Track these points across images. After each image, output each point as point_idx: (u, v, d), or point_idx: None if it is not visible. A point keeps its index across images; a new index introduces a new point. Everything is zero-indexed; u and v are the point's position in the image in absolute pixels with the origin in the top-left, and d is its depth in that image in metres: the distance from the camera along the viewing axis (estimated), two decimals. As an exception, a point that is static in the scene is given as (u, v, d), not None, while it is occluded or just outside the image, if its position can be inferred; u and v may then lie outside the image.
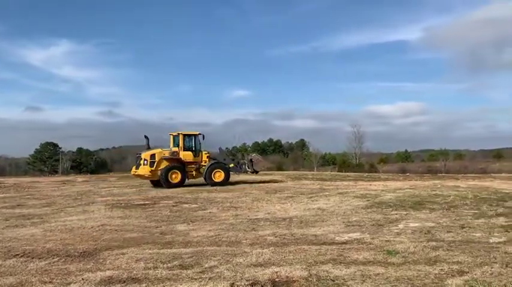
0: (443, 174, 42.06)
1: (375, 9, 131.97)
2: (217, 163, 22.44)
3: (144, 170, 21.26)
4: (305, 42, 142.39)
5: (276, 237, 8.12)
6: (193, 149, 22.17)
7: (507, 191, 15.57)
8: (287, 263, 6.11)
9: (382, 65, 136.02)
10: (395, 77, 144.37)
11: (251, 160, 23.86)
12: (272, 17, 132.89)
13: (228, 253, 6.85)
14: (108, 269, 5.93)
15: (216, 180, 21.87)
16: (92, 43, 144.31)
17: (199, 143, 22.83)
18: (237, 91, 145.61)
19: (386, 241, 7.51)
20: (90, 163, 74.01)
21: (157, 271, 5.79)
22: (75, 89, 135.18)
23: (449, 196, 14.34)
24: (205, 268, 5.96)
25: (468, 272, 5.39)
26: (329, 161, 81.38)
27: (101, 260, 6.50)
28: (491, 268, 5.55)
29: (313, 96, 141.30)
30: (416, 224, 9.12)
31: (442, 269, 5.54)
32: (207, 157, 22.52)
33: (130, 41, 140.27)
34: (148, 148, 22.06)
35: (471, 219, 9.68)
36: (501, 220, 9.42)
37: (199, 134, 22.66)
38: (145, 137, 22.64)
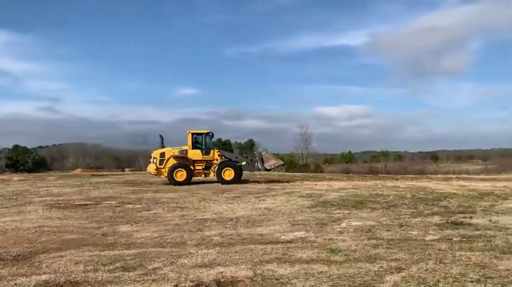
0: (384, 174, 43.85)
1: (324, 14, 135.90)
2: (227, 161, 22.32)
3: (151, 168, 22.40)
4: (256, 43, 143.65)
5: (222, 237, 8.09)
6: (203, 147, 22.24)
7: (442, 191, 16.48)
8: (232, 263, 6.11)
9: (330, 69, 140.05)
10: (342, 80, 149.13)
11: (261, 158, 23.28)
12: (223, 16, 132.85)
13: (173, 254, 6.74)
14: (45, 273, 5.64)
15: (226, 178, 21.70)
16: (34, 35, 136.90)
17: (210, 142, 23.01)
18: (185, 89, 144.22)
19: (329, 239, 7.71)
20: (27, 161, 70.04)
21: (97, 274, 5.58)
22: (13, 82, 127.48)
23: (389, 195, 14.96)
24: (149, 269, 5.82)
25: (405, 268, 5.65)
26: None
27: (37, 264, 6.17)
28: (426, 264, 5.85)
29: (263, 97, 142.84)
30: (358, 223, 9.44)
31: (381, 266, 5.77)
32: (218, 154, 22.50)
33: (74, 34, 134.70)
34: (162, 147, 22.61)
35: (409, 218, 10.14)
36: (436, 219, 9.94)
37: (209, 132, 22.80)
38: (160, 136, 23.21)
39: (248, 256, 6.53)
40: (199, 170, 22.31)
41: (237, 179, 21.86)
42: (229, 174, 21.77)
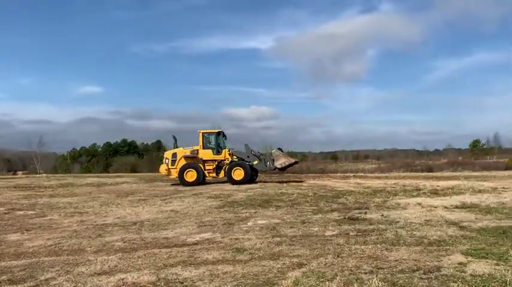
0: (289, 174, 45.53)
1: (233, 17, 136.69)
2: (237, 161, 21.81)
3: (162, 168, 22.57)
4: (164, 41, 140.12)
5: (124, 242, 7.73)
6: (214, 147, 21.91)
7: (340, 189, 17.56)
8: (135, 268, 5.86)
9: (239, 70, 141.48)
10: (250, 82, 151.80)
11: (272, 158, 22.29)
12: (130, 12, 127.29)
13: (69, 262, 6.28)
14: None
15: (236, 178, 21.24)
16: None
17: (222, 141, 22.45)
18: (87, 87, 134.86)
19: (235, 239, 7.76)
20: None
21: (-22, 290, 5.00)
22: None
23: (293, 194, 15.56)
24: (41, 280, 5.35)
25: (306, 264, 5.88)
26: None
27: None
28: (326, 259, 6.15)
29: (172, 96, 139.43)
30: (264, 221, 9.65)
31: (284, 263, 5.93)
32: (229, 154, 21.98)
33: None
34: (175, 147, 22.56)
35: (311, 215, 10.62)
36: (335, 215, 10.53)
37: (220, 131, 22.64)
38: (173, 137, 23.27)
39: (152, 260, 6.32)
40: (210, 170, 21.95)
41: (247, 179, 21.31)
42: (239, 174, 21.32)
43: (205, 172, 21.87)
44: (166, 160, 22.35)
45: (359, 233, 8.06)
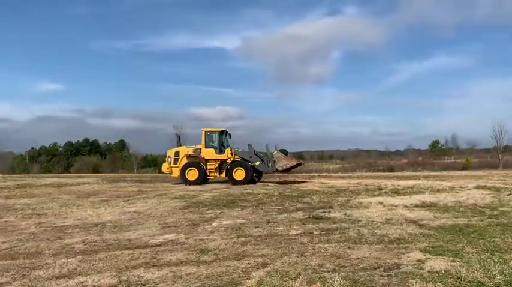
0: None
1: (198, 16, 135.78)
2: (238, 161, 21.29)
3: (164, 166, 22.51)
4: (127, 38, 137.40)
5: (85, 244, 7.52)
6: (216, 146, 21.50)
7: (305, 189, 17.77)
8: (96, 271, 5.71)
9: (204, 70, 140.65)
10: (216, 82, 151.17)
11: (273, 159, 21.53)
12: (91, 8, 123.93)
13: (26, 266, 6.04)
14: None
15: (237, 178, 20.76)
16: None
17: (225, 140, 21.94)
18: (46, 84, 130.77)
19: (200, 240, 7.70)
20: None
21: None
22: None
23: (259, 193, 15.61)
24: (-6, 286, 5.12)
25: (270, 263, 5.91)
26: (150, 163, 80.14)
27: None
28: (290, 258, 6.19)
29: (136, 95, 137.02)
30: (229, 222, 9.62)
31: (248, 263, 5.94)
32: (231, 153, 21.52)
33: None
34: (179, 146, 22.12)
35: (276, 214, 10.68)
36: (300, 214, 10.64)
37: (223, 130, 22.18)
38: (177, 135, 23.21)
39: (113, 262, 6.17)
40: (212, 169, 21.55)
41: (248, 180, 20.79)
42: (240, 174, 20.84)
43: (208, 171, 21.54)
44: (169, 158, 22.13)
45: (323, 232, 8.18)
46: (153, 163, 78.96)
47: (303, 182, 23.37)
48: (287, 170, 22.48)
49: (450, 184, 19.43)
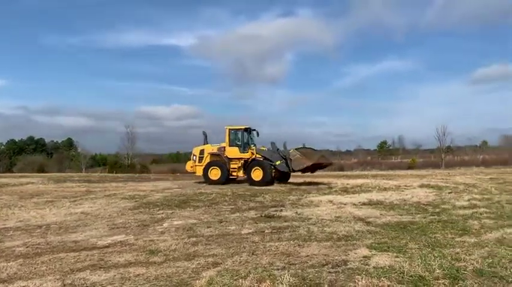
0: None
1: (152, 12, 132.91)
2: (258, 160, 19.80)
3: (188, 165, 21.83)
4: (77, 33, 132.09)
5: (27, 247, 7.17)
6: (240, 144, 20.33)
7: (258, 188, 17.87)
8: (38, 275, 5.46)
9: (158, 67, 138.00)
10: (170, 80, 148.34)
11: (290, 158, 19.51)
12: (44, 2, 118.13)
13: (-40, 272, 5.67)
14: None
15: (255, 179, 19.34)
16: None
17: (250, 138, 20.85)
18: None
19: (150, 240, 7.56)
20: None
21: None
22: None
23: (212, 193, 15.52)
24: None
25: (221, 263, 5.90)
26: (99, 162, 77.64)
27: None
28: (241, 257, 6.22)
29: (86, 92, 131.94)
30: (180, 222, 9.51)
31: (199, 263, 5.90)
32: (251, 152, 20.14)
33: None
34: (205, 144, 21.28)
35: (228, 214, 10.68)
36: (252, 213, 10.70)
37: (247, 128, 20.79)
38: (204, 133, 21.74)
39: (57, 265, 5.93)
40: (235, 169, 20.32)
41: (267, 180, 19.22)
42: (257, 174, 19.38)
43: (231, 170, 20.43)
44: (194, 157, 21.34)
45: (274, 231, 8.28)
46: (102, 162, 76.61)
47: (323, 184, 22.97)
48: (306, 170, 20.48)
49: (396, 182, 20.25)
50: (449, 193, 15.16)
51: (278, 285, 4.72)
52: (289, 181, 21.33)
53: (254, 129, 21.55)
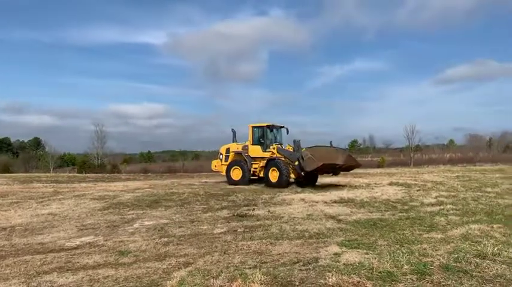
0: (181, 173, 45.09)
1: (123, 9, 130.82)
2: (275, 159, 17.93)
3: (213, 164, 21.20)
4: (46, 29, 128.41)
5: (-10, 250, 6.92)
6: (263, 143, 19.02)
7: (231, 187, 17.83)
8: (1, 279, 5.28)
9: (128, 65, 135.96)
10: (141, 78, 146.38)
11: (302, 158, 17.19)
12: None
13: None
14: None
15: (272, 180, 17.67)
16: None
17: (274, 136, 19.67)
18: None
19: (120, 241, 7.42)
20: None
21: None
22: None
23: (184, 193, 15.39)
24: None
25: (193, 263, 5.85)
26: (68, 162, 75.82)
27: None
28: (212, 256, 6.19)
29: (53, 90, 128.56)
30: (151, 222, 9.38)
31: (170, 264, 5.84)
32: (272, 151, 18.55)
33: None
34: (234, 142, 20.15)
35: (201, 213, 10.61)
36: (224, 213, 10.66)
37: (269, 125, 19.29)
38: (232, 130, 20.39)
39: (23, 268, 5.75)
40: (257, 169, 18.93)
41: (282, 182, 17.27)
42: (274, 175, 17.65)
43: (252, 170, 18.99)
44: (220, 156, 20.37)
45: (246, 230, 8.28)
46: (71, 162, 74.85)
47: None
48: (322, 171, 18.12)
49: (366, 180, 20.62)
50: (417, 190, 15.55)
51: (249, 284, 4.72)
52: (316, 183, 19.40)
53: (282, 126, 20.19)
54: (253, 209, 11.14)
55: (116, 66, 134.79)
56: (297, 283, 4.83)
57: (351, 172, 21.25)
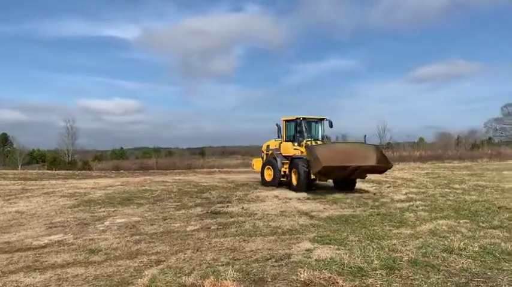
0: (154, 170, 44.54)
1: (94, 0, 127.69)
2: (296, 159, 15.36)
3: (254, 163, 19.27)
4: (11, 22, 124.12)
5: (-48, 250, 6.67)
6: (295, 138, 16.28)
7: (205, 184, 17.77)
8: (-36, 280, 5.09)
9: (99, 60, 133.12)
10: (113, 73, 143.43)
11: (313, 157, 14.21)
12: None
13: None
14: None
15: (293, 182, 15.16)
16: None
17: (309, 130, 16.48)
18: None
19: (90, 239, 7.28)
20: None
21: None
22: None
23: (157, 190, 15.22)
24: None
25: (165, 260, 5.80)
26: (37, 159, 73.70)
27: None
28: (185, 254, 6.15)
29: (21, 85, 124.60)
30: (123, 220, 9.24)
31: (141, 262, 5.77)
32: (300, 150, 15.82)
33: None
34: (279, 138, 17.20)
35: (173, 211, 10.52)
36: (198, 210, 10.60)
37: (298, 118, 16.26)
38: (277, 125, 16.85)
39: (-13, 268, 5.56)
40: (287, 168, 16.12)
41: (302, 185, 14.56)
42: (294, 177, 15.17)
43: (283, 170, 16.32)
44: (262, 154, 18.41)
45: (220, 227, 8.27)
46: (40, 159, 72.79)
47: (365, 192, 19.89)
48: (325, 177, 14.72)
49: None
50: (388, 187, 15.87)
51: (222, 281, 4.71)
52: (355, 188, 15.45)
53: (323, 119, 16.97)
54: (227, 206, 11.13)
55: (87, 61, 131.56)
56: (269, 280, 4.85)
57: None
